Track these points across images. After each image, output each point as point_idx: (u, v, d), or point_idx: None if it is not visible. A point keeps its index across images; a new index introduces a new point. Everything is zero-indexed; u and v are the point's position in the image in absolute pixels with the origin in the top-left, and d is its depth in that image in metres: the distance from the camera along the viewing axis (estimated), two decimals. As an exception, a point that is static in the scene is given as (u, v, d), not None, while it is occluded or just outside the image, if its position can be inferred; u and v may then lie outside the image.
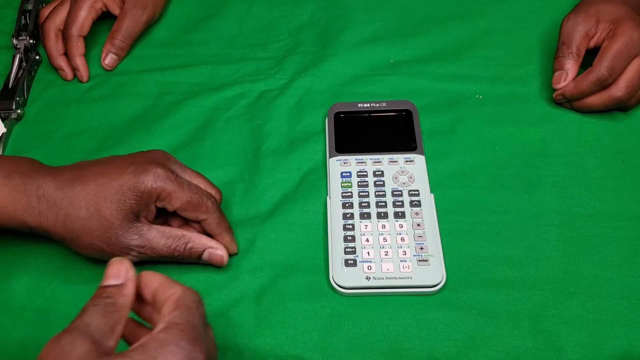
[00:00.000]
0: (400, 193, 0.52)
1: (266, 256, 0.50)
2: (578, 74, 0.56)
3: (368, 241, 0.49)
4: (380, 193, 0.52)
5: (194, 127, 0.60)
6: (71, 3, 0.64)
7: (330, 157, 0.55)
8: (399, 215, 0.50)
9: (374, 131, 0.56)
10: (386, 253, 0.48)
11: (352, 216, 0.50)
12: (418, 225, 0.50)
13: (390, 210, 0.51)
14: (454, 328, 0.46)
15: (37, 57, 0.66)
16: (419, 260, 0.48)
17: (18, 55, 0.64)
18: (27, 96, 0.63)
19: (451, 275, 0.48)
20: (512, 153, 0.56)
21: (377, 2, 0.70)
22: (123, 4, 0.65)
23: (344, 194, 0.52)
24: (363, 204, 0.51)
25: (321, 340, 0.46)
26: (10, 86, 0.62)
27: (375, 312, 0.47)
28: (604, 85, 0.54)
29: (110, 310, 0.33)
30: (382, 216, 0.50)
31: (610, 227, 0.50)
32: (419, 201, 0.51)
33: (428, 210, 0.50)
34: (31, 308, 0.48)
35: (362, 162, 0.54)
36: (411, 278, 0.47)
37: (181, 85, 0.63)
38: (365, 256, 0.48)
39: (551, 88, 0.58)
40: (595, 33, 0.56)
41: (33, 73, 0.65)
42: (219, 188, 0.51)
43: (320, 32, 0.67)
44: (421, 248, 0.48)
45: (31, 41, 0.65)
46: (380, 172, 0.53)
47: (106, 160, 0.47)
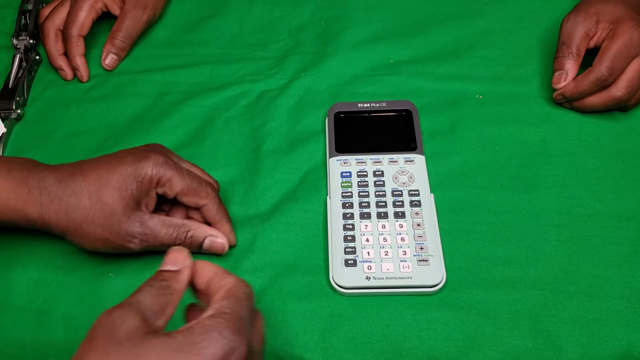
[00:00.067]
0: (400, 193, 0.52)
1: (266, 256, 0.50)
2: (578, 74, 0.56)
3: (368, 241, 0.49)
4: (380, 193, 0.52)
5: (194, 127, 0.60)
6: (71, 3, 0.64)
7: (330, 157, 0.55)
8: (399, 215, 0.50)
9: (374, 131, 0.56)
10: (386, 253, 0.48)
11: (352, 216, 0.50)
12: (418, 225, 0.50)
13: (390, 210, 0.51)
14: (454, 328, 0.46)
15: (37, 57, 0.66)
16: (419, 260, 0.48)
17: (18, 55, 0.64)
18: (27, 96, 0.63)
19: (451, 275, 0.48)
20: (512, 153, 0.56)
21: (377, 2, 0.70)
22: (123, 4, 0.65)
23: (344, 194, 0.52)
24: (363, 204, 0.51)
25: (321, 340, 0.46)
26: (10, 86, 0.62)
27: (375, 312, 0.47)
28: (604, 85, 0.54)
29: (163, 292, 0.34)
30: (382, 216, 0.50)
31: (610, 227, 0.50)
32: (419, 201, 0.51)
33: (428, 210, 0.50)
34: (31, 308, 0.48)
35: (362, 162, 0.54)
36: (411, 278, 0.47)
37: (181, 85, 0.64)
38: (365, 256, 0.48)
39: (551, 88, 0.58)
40: (595, 33, 0.56)
41: (33, 73, 0.65)
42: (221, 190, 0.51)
43: (320, 32, 0.67)
44: (421, 248, 0.48)
45: (31, 41, 0.65)
46: (380, 172, 0.53)
47: (104, 155, 0.48)
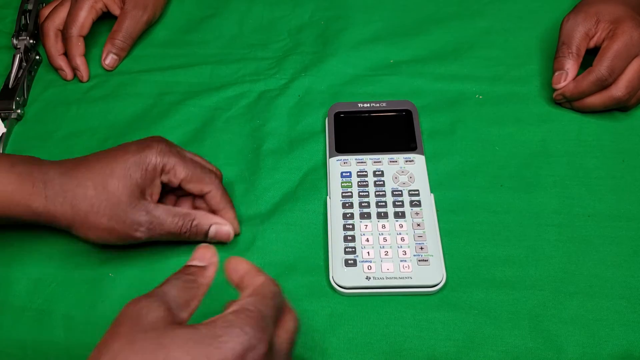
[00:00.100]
0: (400, 193, 0.51)
1: (266, 256, 0.50)
2: (578, 74, 0.56)
3: (368, 241, 0.49)
4: (380, 193, 0.52)
5: (194, 127, 0.60)
6: (71, 3, 0.64)
7: (330, 157, 0.55)
8: (399, 215, 0.50)
9: (374, 131, 0.56)
10: (386, 253, 0.48)
11: (352, 216, 0.50)
12: (418, 225, 0.50)
13: (390, 210, 0.51)
14: (454, 328, 0.46)
15: (37, 57, 0.66)
16: (419, 260, 0.48)
17: (18, 55, 0.64)
18: (27, 96, 0.63)
19: (451, 275, 0.48)
20: (512, 153, 0.56)
21: (377, 2, 0.70)
22: (123, 5, 0.65)
23: (344, 194, 0.52)
24: (363, 204, 0.51)
25: (321, 340, 0.45)
26: (10, 86, 0.62)
27: (375, 312, 0.47)
28: (604, 85, 0.54)
29: (189, 286, 0.35)
30: (382, 216, 0.50)
31: (610, 227, 0.50)
32: (419, 201, 0.51)
33: (428, 210, 0.50)
34: (31, 308, 0.48)
35: (362, 162, 0.54)
36: (411, 278, 0.47)
37: (181, 85, 0.63)
38: (365, 256, 0.48)
39: (551, 88, 0.58)
40: (595, 33, 0.56)
41: (33, 73, 0.65)
42: None
43: (320, 32, 0.67)
44: (421, 248, 0.48)
45: (31, 41, 0.65)
46: (380, 172, 0.53)
47: (107, 149, 0.48)
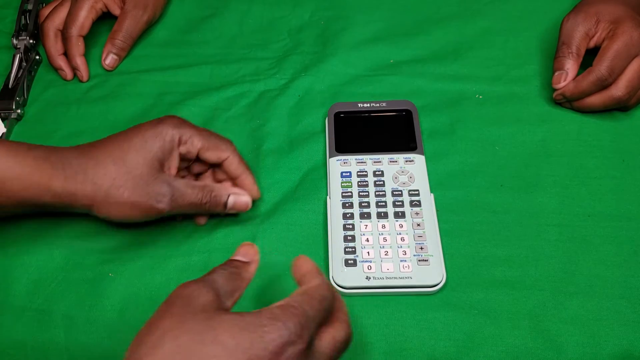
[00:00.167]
0: (400, 193, 0.51)
1: (266, 256, 0.50)
2: (578, 74, 0.56)
3: (368, 241, 0.49)
4: (380, 193, 0.52)
5: (194, 127, 0.60)
6: (71, 3, 0.64)
7: (330, 157, 0.55)
8: (399, 215, 0.50)
9: (374, 131, 0.56)
10: (386, 253, 0.48)
11: (352, 216, 0.50)
12: (418, 225, 0.50)
13: (390, 210, 0.51)
14: (454, 328, 0.46)
15: (37, 57, 0.66)
16: (419, 260, 0.48)
17: (18, 55, 0.64)
18: (27, 96, 0.63)
19: (451, 275, 0.48)
20: (512, 153, 0.56)
21: (377, 2, 0.70)
22: (123, 4, 0.65)
23: (344, 194, 0.52)
24: (363, 204, 0.51)
25: (321, 340, 0.45)
26: (10, 86, 0.62)
27: (375, 312, 0.47)
28: (604, 85, 0.54)
29: (234, 277, 0.37)
30: (382, 216, 0.50)
31: (610, 227, 0.50)
32: (419, 201, 0.51)
33: (428, 210, 0.50)
34: (31, 308, 0.48)
35: (362, 162, 0.54)
36: (411, 278, 0.47)
37: (181, 85, 0.63)
38: (365, 256, 0.48)
39: (551, 88, 0.58)
40: (595, 33, 0.56)
41: (33, 73, 0.65)
42: None
43: (320, 32, 0.67)
44: (421, 248, 0.48)
45: (31, 41, 0.65)
46: (380, 172, 0.53)
47: (119, 132, 0.48)
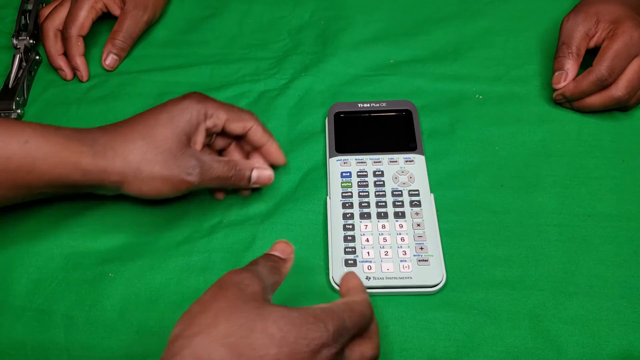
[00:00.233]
0: (400, 193, 0.51)
1: (266, 256, 0.50)
2: (578, 74, 0.56)
3: (368, 241, 0.49)
4: (380, 193, 0.52)
5: (194, 127, 0.60)
6: (71, 3, 0.64)
7: (330, 157, 0.55)
8: (399, 215, 0.50)
9: (374, 131, 0.56)
10: (386, 253, 0.48)
11: (352, 216, 0.50)
12: (418, 225, 0.50)
13: (390, 210, 0.51)
14: (454, 328, 0.45)
15: (37, 57, 0.66)
16: (419, 260, 0.48)
17: (18, 55, 0.64)
18: (27, 96, 0.63)
19: (451, 275, 0.48)
20: (512, 153, 0.56)
21: (377, 2, 0.70)
22: (123, 5, 0.65)
23: (344, 194, 0.52)
24: (363, 204, 0.51)
25: (321, 340, 0.45)
26: (10, 86, 0.62)
27: (375, 312, 0.46)
28: (604, 85, 0.54)
29: (274, 272, 0.39)
30: (382, 216, 0.50)
31: (610, 227, 0.50)
32: (419, 201, 0.51)
33: (428, 210, 0.50)
34: (31, 308, 0.48)
35: (362, 162, 0.54)
36: (411, 278, 0.47)
37: (181, 85, 0.63)
38: (365, 256, 0.48)
39: (551, 88, 0.58)
40: (595, 33, 0.56)
41: (33, 73, 0.65)
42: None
43: (320, 32, 0.67)
44: (421, 248, 0.48)
45: (31, 41, 0.65)
46: (380, 172, 0.53)
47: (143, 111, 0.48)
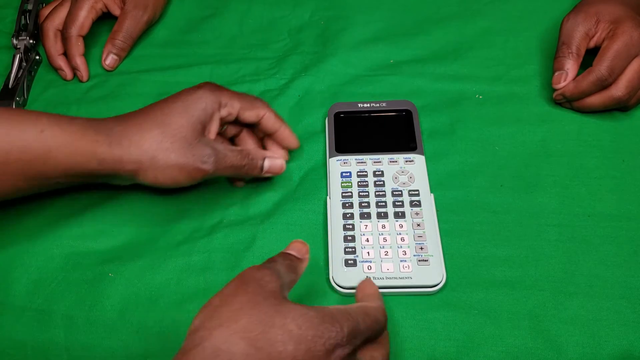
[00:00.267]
0: (400, 193, 0.51)
1: (266, 256, 0.50)
2: (578, 74, 0.56)
3: (368, 241, 0.49)
4: (380, 193, 0.52)
5: (194, 127, 0.59)
6: (71, 3, 0.64)
7: (330, 157, 0.55)
8: (399, 215, 0.50)
9: (374, 131, 0.56)
10: (386, 253, 0.48)
11: (352, 216, 0.50)
12: (418, 225, 0.50)
13: (390, 210, 0.51)
14: (454, 328, 0.45)
15: (37, 57, 0.66)
16: (419, 260, 0.48)
17: (18, 55, 0.64)
18: (27, 96, 0.63)
19: (451, 275, 0.48)
20: (512, 153, 0.56)
21: (377, 2, 0.70)
22: (123, 5, 0.65)
23: (344, 194, 0.52)
24: (363, 204, 0.51)
25: (321, 340, 0.45)
26: (10, 86, 0.62)
27: (375, 312, 0.47)
28: (604, 85, 0.54)
29: (291, 270, 0.39)
30: (382, 216, 0.50)
31: (610, 227, 0.50)
32: (419, 201, 0.51)
33: (428, 210, 0.50)
34: (31, 308, 0.48)
35: (362, 162, 0.54)
36: (411, 278, 0.47)
37: (181, 85, 0.62)
38: (365, 256, 0.48)
39: (551, 88, 0.58)
40: (595, 33, 0.56)
41: (33, 73, 0.65)
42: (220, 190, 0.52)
43: (320, 32, 0.67)
44: (421, 248, 0.48)
45: (31, 41, 0.65)
46: (380, 172, 0.53)
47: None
